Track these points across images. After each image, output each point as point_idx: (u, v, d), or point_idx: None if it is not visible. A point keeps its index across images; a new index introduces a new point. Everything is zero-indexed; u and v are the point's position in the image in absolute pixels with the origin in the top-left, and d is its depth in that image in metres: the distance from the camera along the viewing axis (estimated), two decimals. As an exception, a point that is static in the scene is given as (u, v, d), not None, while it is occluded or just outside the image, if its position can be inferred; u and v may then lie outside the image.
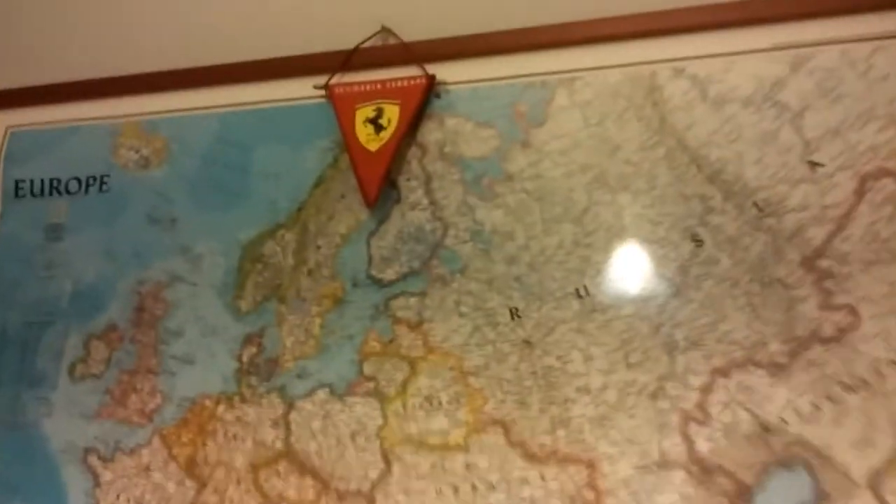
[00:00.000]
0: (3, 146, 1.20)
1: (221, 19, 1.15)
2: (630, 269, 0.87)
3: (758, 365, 0.80)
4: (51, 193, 1.15)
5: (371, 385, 0.91)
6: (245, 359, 0.97)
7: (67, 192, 1.14)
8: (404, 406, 0.89)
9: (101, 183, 1.13)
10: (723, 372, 0.81)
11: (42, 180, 1.16)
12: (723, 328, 0.82)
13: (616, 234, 0.88)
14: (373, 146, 0.97)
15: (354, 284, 0.96)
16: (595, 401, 0.84)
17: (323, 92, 1.04)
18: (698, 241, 0.85)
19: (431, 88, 1.00)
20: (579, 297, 0.88)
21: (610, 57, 0.94)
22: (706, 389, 0.81)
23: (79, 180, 1.14)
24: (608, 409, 0.83)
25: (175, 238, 1.06)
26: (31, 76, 1.21)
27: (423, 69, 1.00)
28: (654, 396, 0.82)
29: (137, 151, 1.12)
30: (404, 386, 0.90)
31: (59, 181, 1.15)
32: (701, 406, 0.80)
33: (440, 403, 0.88)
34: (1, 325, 1.09)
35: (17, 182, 1.17)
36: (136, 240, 1.08)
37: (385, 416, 0.90)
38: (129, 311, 1.04)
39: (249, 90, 1.10)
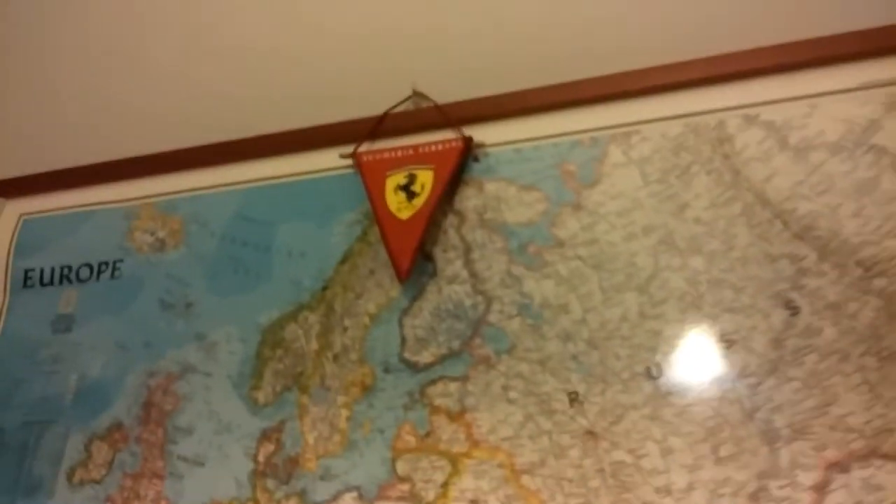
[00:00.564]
0: (14, 235, 1.15)
1: (239, 92, 1.10)
2: (711, 344, 0.74)
3: (885, 457, 0.65)
4: (60, 282, 1.09)
5: (406, 488, 0.79)
6: (261, 458, 0.87)
7: (78, 279, 1.08)
8: (446, 513, 0.77)
9: (114, 269, 1.07)
10: (841, 466, 0.66)
11: (52, 268, 1.10)
12: (835, 412, 0.68)
13: (690, 303, 0.76)
14: (405, 214, 0.88)
15: (385, 370, 0.86)
16: (679, 505, 0.69)
17: (350, 161, 0.96)
18: (793, 309, 0.72)
19: (468, 151, 0.91)
20: (651, 377, 0.75)
21: (668, 108, 0.85)
22: (821, 488, 0.66)
23: (90, 267, 1.08)
24: (696, 515, 0.68)
25: (189, 324, 0.98)
26: (44, 161, 1.17)
27: (459, 131, 0.91)
28: (754, 498, 0.68)
29: (153, 234, 1.06)
30: (445, 488, 0.78)
31: (69, 269, 1.09)
32: (816, 510, 0.65)
33: (489, 510, 0.75)
34: (-2, 427, 1.00)
35: (25, 272, 1.11)
36: (148, 328, 1.00)
37: (423, 527, 0.77)
38: (136, 407, 0.96)
39: (271, 164, 1.04)
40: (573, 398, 0.77)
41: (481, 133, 0.92)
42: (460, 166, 0.91)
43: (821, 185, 0.76)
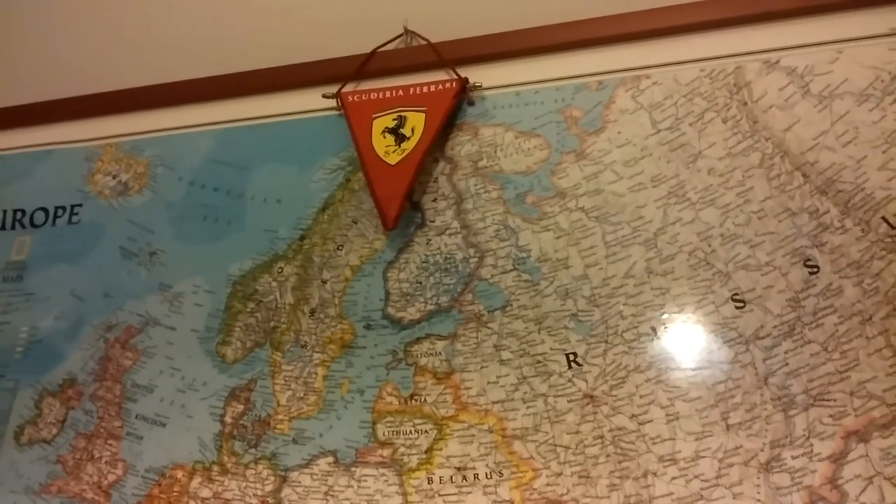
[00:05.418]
0: (-37, 175, 1.06)
1: (213, 25, 1.04)
2: (722, 302, 0.69)
3: (909, 426, 0.61)
4: (13, 227, 1.02)
5: (386, 453, 0.74)
6: (229, 419, 0.81)
7: (32, 224, 1.01)
8: (430, 480, 0.71)
9: (71, 213, 1.00)
10: (860, 435, 0.62)
11: (4, 212, 1.03)
12: (856, 378, 0.64)
13: (702, 259, 0.72)
14: (393, 159, 0.82)
15: (367, 326, 0.80)
16: (685, 474, 0.65)
17: (333, 102, 0.90)
18: (812, 267, 0.68)
19: (463, 93, 0.86)
20: (657, 338, 0.69)
21: (682, 51, 0.82)
22: (839, 458, 0.62)
23: (46, 211, 1.01)
24: (704, 485, 0.64)
25: (153, 274, 0.92)
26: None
27: (454, 72, 0.85)
28: (766, 469, 0.63)
29: (115, 177, 0.99)
30: (429, 454, 0.73)
31: (22, 213, 1.02)
32: (833, 482, 0.62)
33: (476, 477, 0.70)
34: (-60, 382, 0.93)
35: (-26, 215, 1.02)
36: (107, 278, 0.93)
37: (405, 494, 0.72)
38: (91, 362, 0.89)
39: (247, 104, 0.98)
40: (571, 360, 0.72)
41: (477, 74, 0.87)
42: (454, 109, 0.86)
43: (845, 136, 0.73)
